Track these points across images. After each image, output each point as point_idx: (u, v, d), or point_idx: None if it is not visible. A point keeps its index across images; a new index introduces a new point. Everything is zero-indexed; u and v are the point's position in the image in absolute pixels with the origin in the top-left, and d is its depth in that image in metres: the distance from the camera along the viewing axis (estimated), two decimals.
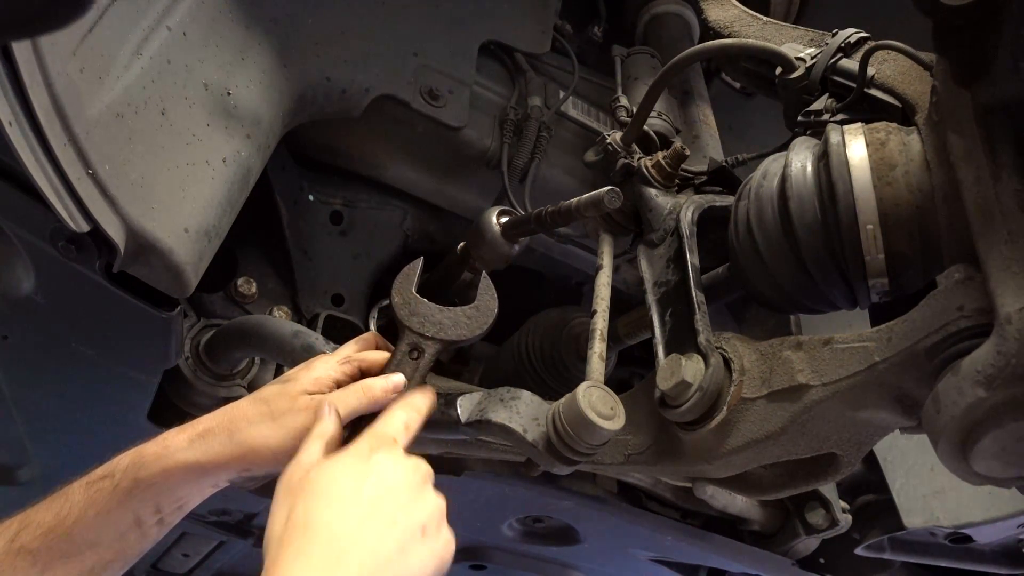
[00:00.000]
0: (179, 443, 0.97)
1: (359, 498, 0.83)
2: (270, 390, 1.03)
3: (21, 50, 0.90)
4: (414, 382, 1.05)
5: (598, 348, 1.11)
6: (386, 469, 0.87)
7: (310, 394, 1.01)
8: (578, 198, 1.17)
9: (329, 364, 1.06)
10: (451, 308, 1.10)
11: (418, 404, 1.01)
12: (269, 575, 0.75)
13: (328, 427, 0.94)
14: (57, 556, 0.92)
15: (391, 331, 1.12)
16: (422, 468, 0.91)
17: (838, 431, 1.05)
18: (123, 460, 0.97)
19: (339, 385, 1.05)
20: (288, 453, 0.93)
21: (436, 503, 0.89)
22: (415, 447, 0.98)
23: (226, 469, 0.98)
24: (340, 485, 0.84)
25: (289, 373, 1.07)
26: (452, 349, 1.10)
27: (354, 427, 0.99)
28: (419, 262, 1.12)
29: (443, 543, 0.87)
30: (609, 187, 1.13)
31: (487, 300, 1.11)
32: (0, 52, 0.88)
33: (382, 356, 1.09)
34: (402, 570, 0.81)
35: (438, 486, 0.92)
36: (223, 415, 1.00)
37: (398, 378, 1.04)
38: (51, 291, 1.18)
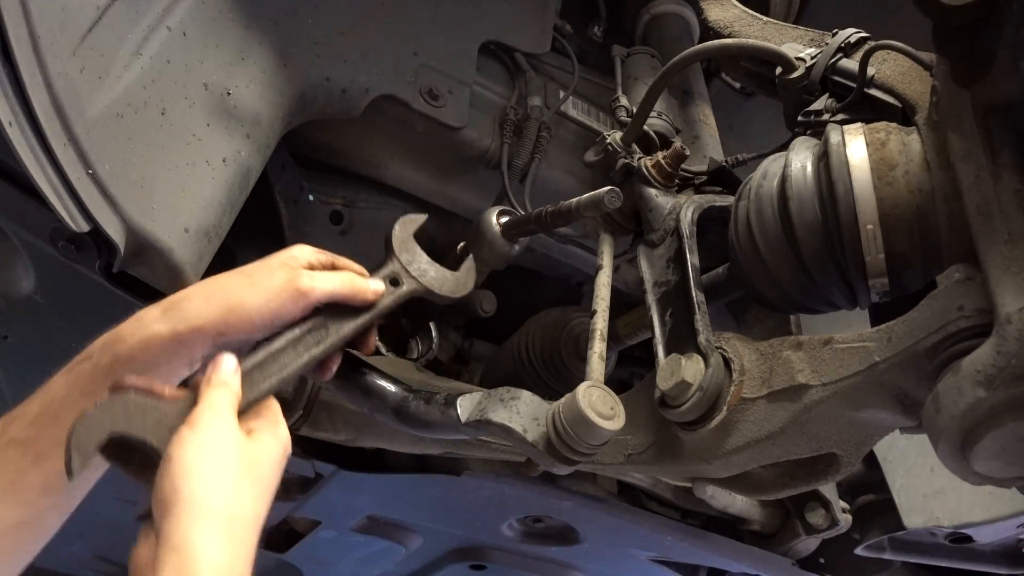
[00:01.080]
0: (153, 315, 0.94)
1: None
2: (249, 266, 1.01)
3: (21, 50, 0.90)
4: (382, 305, 1.07)
5: (598, 348, 1.11)
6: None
7: (289, 266, 1.00)
8: (578, 198, 1.17)
9: (306, 248, 1.05)
10: (439, 266, 1.14)
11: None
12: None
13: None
14: (48, 442, 0.90)
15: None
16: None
17: (838, 431, 1.05)
18: (99, 340, 0.95)
19: (313, 267, 1.04)
20: (264, 314, 0.95)
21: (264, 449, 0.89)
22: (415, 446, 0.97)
23: (202, 336, 0.94)
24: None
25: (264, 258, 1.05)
26: (422, 297, 1.13)
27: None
28: (425, 217, 1.16)
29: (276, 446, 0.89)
30: (609, 187, 1.13)
31: (466, 275, 1.16)
32: (0, 52, 0.88)
33: (355, 266, 1.10)
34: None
35: (438, 486, 0.92)
36: (199, 285, 0.98)
37: (378, 285, 1.06)
38: (51, 291, 1.18)
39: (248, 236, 1.54)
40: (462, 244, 1.24)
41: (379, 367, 1.19)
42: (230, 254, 1.56)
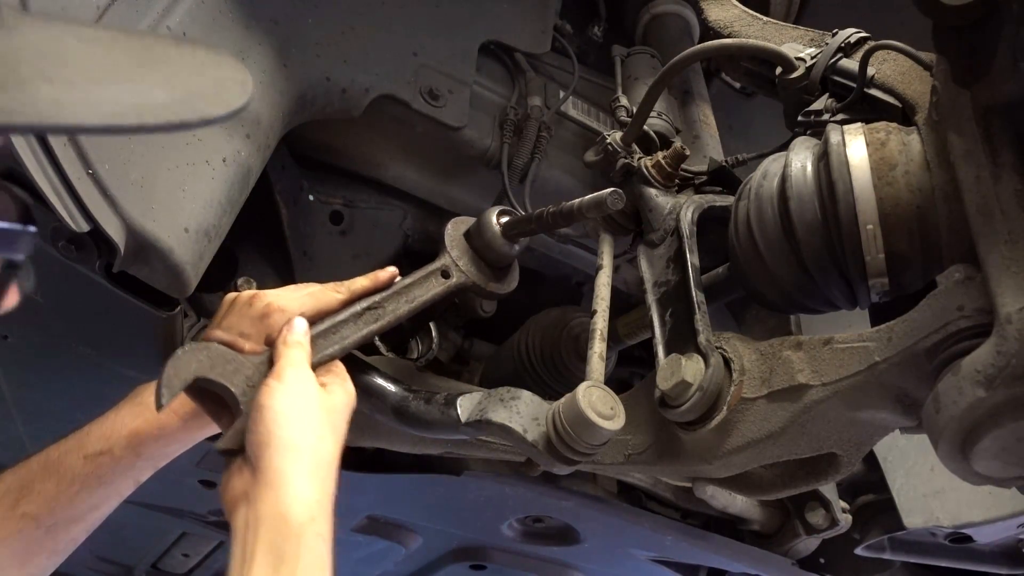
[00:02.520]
0: (173, 424, 1.06)
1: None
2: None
3: None
4: (434, 293, 1.19)
5: (598, 348, 1.11)
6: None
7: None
8: (580, 199, 1.17)
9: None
10: (482, 263, 1.24)
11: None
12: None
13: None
14: (61, 519, 0.99)
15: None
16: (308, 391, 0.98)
17: (838, 431, 1.05)
18: (119, 439, 1.04)
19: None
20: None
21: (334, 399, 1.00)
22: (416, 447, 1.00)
23: (216, 430, 1.06)
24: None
25: (235, 324, 1.09)
26: (469, 292, 1.24)
27: None
28: (474, 220, 1.25)
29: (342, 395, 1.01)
30: (612, 189, 1.13)
31: (510, 275, 1.27)
32: None
33: (336, 297, 1.14)
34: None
35: (438, 486, 0.96)
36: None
37: (392, 268, 1.18)
38: (51, 291, 1.18)
39: (248, 236, 1.54)
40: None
41: (379, 367, 1.19)
42: (230, 254, 1.56)
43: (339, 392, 1.00)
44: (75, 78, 0.55)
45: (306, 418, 0.93)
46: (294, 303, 1.08)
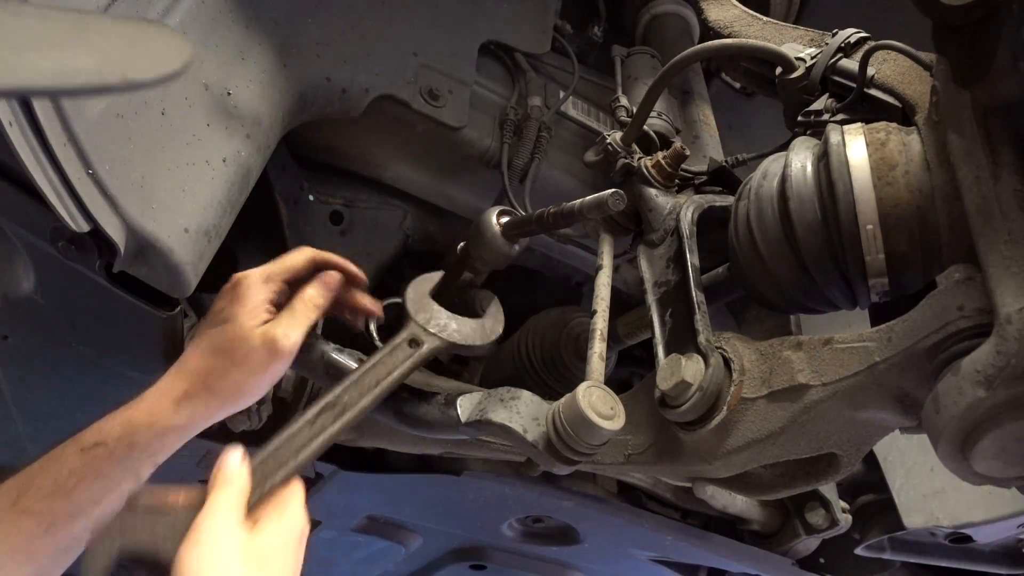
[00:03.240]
0: (165, 409, 1.02)
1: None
2: (219, 338, 1.06)
3: None
4: (403, 369, 1.08)
5: (598, 348, 1.11)
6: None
7: (257, 326, 1.06)
8: (581, 200, 1.16)
9: (256, 290, 1.09)
10: (461, 317, 1.15)
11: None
12: None
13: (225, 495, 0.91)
14: (61, 515, 0.96)
15: (390, 330, 1.14)
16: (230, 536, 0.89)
17: (838, 431, 1.05)
18: (113, 429, 1.01)
19: (276, 304, 1.10)
20: (263, 387, 1.06)
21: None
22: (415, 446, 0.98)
23: (210, 421, 1.05)
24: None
25: (220, 309, 1.09)
26: (449, 352, 1.14)
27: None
28: (440, 274, 1.19)
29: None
30: (613, 190, 1.13)
31: (493, 321, 1.18)
32: None
33: (299, 258, 1.14)
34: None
35: (438, 486, 0.94)
36: (194, 376, 1.04)
37: (333, 276, 1.13)
38: (51, 291, 1.18)
39: (248, 236, 1.54)
40: (462, 244, 1.24)
41: None
42: (230, 254, 1.56)
43: (272, 529, 0.90)
44: None
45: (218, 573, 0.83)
46: (256, 271, 1.09)
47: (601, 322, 1.14)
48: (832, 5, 1.80)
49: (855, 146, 1.00)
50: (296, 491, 0.96)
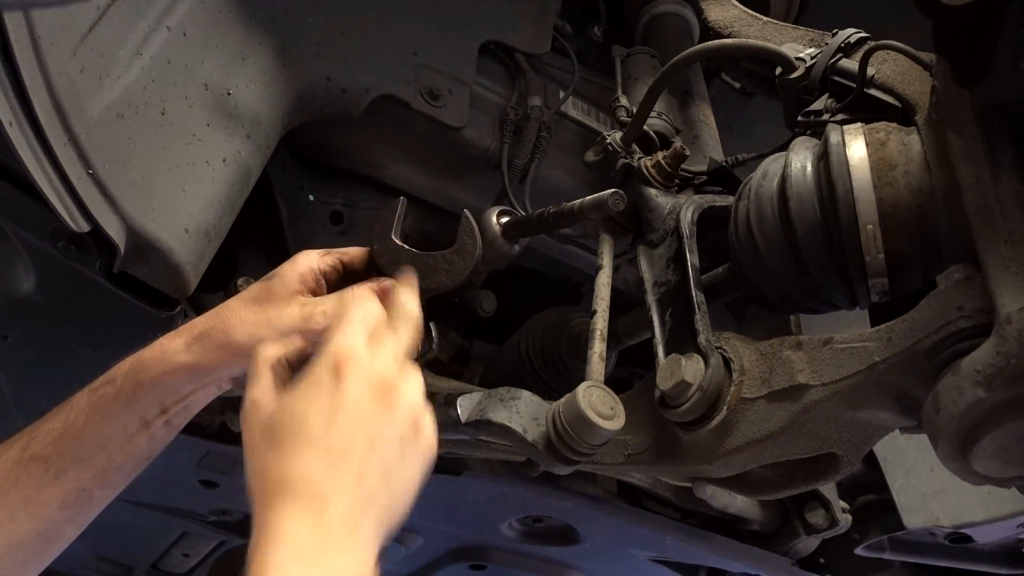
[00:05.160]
0: (176, 347, 0.98)
1: (329, 437, 0.81)
2: (259, 289, 1.03)
3: (21, 50, 0.90)
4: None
5: (598, 348, 1.11)
6: (349, 394, 0.83)
7: (300, 293, 1.02)
8: (581, 200, 1.16)
9: (311, 257, 1.07)
10: (430, 253, 1.09)
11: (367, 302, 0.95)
12: (258, 540, 0.74)
13: (271, 350, 0.91)
14: (69, 460, 0.95)
15: None
16: (388, 371, 0.88)
17: (838, 431, 1.05)
18: (123, 366, 0.99)
19: (326, 277, 1.06)
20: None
21: (408, 404, 0.88)
22: None
23: (225, 369, 0.99)
24: (307, 427, 0.81)
25: (273, 272, 1.07)
26: (443, 297, 1.12)
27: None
28: (401, 202, 1.12)
29: (425, 443, 0.89)
30: (613, 190, 1.13)
31: (467, 241, 1.10)
32: (0, 52, 0.88)
33: (360, 250, 1.11)
34: (390, 493, 0.85)
35: (438, 486, 0.93)
36: (216, 317, 1.00)
37: (387, 282, 1.05)
38: (51, 291, 1.18)
39: (248, 236, 1.54)
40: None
41: None
42: (230, 254, 1.56)
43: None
44: None
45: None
46: (316, 250, 1.05)
47: (601, 322, 1.14)
48: (832, 5, 1.80)
49: (855, 146, 1.00)
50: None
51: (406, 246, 1.09)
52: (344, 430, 0.82)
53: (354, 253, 1.11)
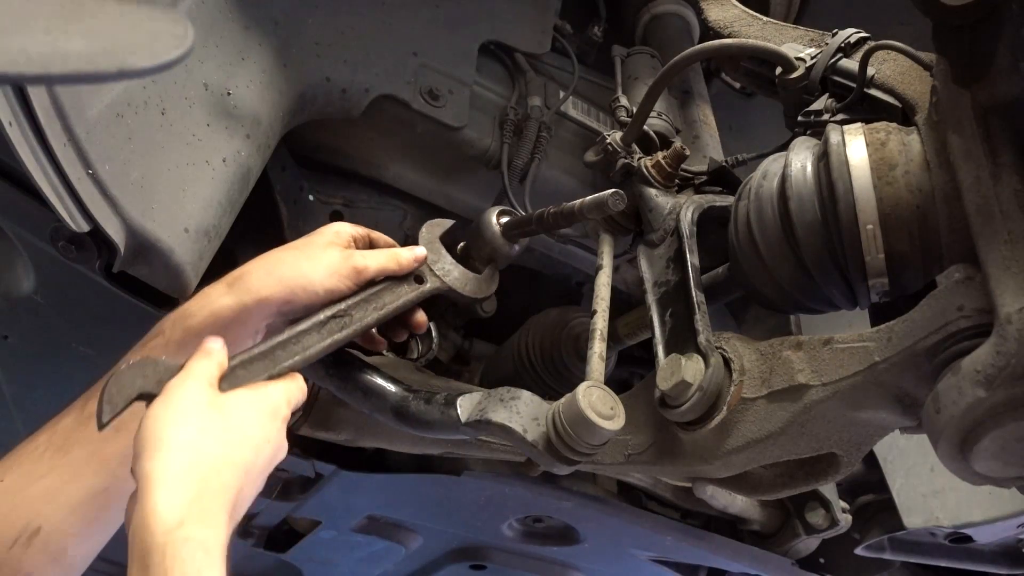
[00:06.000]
0: (219, 291, 1.02)
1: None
2: (298, 241, 1.09)
3: None
4: (406, 300, 1.13)
5: (598, 348, 1.11)
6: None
7: (339, 245, 1.09)
8: (581, 200, 1.16)
9: (345, 224, 1.13)
10: (463, 268, 1.19)
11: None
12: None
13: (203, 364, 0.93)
14: (127, 416, 0.94)
15: None
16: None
17: (838, 431, 1.05)
18: (169, 319, 1.02)
19: (356, 242, 1.13)
20: (325, 287, 1.03)
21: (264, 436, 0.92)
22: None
23: (267, 307, 1.02)
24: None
25: (308, 235, 1.12)
26: (446, 296, 1.18)
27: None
28: (452, 222, 1.22)
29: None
30: (613, 190, 1.13)
31: (491, 279, 1.22)
32: None
33: (387, 239, 1.17)
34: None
35: (438, 486, 0.93)
36: (258, 260, 1.05)
37: (421, 251, 1.14)
38: (51, 291, 1.18)
39: (248, 236, 1.54)
40: (462, 244, 1.24)
41: (379, 367, 1.19)
42: (230, 254, 1.56)
43: (242, 393, 0.93)
44: None
45: (180, 416, 0.85)
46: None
47: (601, 322, 1.14)
48: (832, 5, 1.80)
49: (855, 146, 1.00)
50: (289, 379, 0.99)
51: (445, 250, 1.20)
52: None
53: (383, 240, 1.17)
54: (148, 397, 0.90)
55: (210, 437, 0.85)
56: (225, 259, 1.34)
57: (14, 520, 0.93)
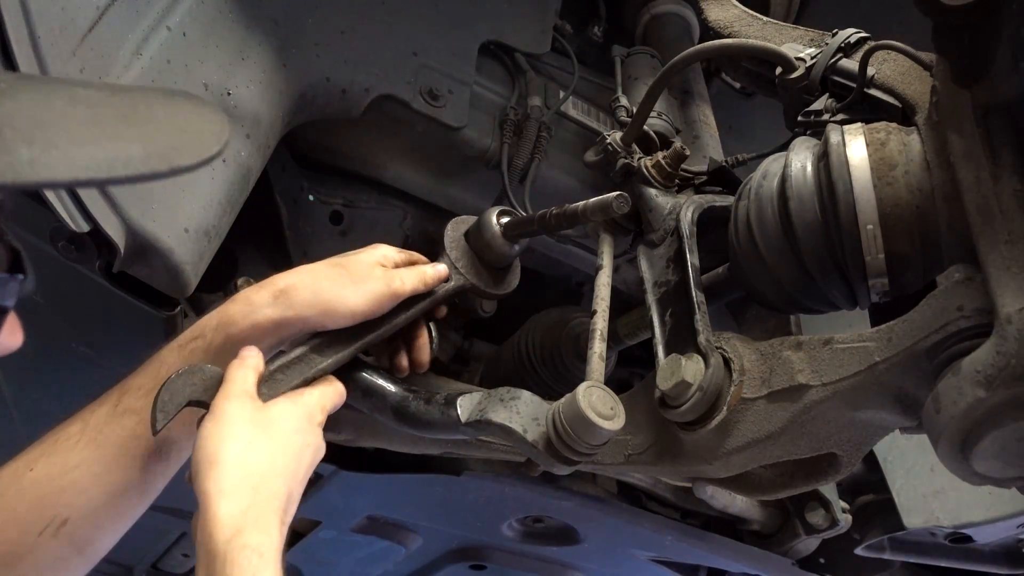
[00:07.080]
0: (263, 300, 1.04)
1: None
2: (344, 259, 1.12)
3: (21, 50, 0.90)
4: (432, 298, 1.17)
5: (598, 348, 1.10)
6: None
7: (381, 264, 1.13)
8: (584, 202, 1.16)
9: (390, 247, 1.18)
10: (482, 265, 1.23)
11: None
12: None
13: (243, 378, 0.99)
14: None
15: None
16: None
17: (838, 431, 1.05)
18: (210, 321, 1.05)
19: (398, 266, 1.16)
20: (361, 312, 1.07)
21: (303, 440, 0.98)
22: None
23: (305, 324, 1.06)
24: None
25: (353, 252, 1.15)
26: (469, 293, 1.23)
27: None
28: (475, 218, 1.24)
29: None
30: (617, 192, 1.13)
31: (511, 276, 1.26)
32: (0, 52, 0.88)
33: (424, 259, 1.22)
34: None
35: (438, 486, 0.95)
36: (303, 274, 1.08)
37: (442, 268, 1.19)
38: (51, 291, 1.18)
39: (248, 236, 1.54)
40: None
41: (379, 367, 1.19)
42: (230, 254, 1.56)
43: (282, 403, 0.99)
44: (56, 139, 0.58)
45: (229, 433, 0.92)
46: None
47: (601, 322, 1.14)
48: (832, 5, 1.80)
49: (855, 146, 1.00)
50: (325, 384, 1.06)
51: (469, 248, 1.23)
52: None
53: (420, 256, 1.21)
54: (197, 403, 0.96)
55: (257, 450, 0.92)
56: (225, 259, 1.34)
57: (43, 509, 0.97)
